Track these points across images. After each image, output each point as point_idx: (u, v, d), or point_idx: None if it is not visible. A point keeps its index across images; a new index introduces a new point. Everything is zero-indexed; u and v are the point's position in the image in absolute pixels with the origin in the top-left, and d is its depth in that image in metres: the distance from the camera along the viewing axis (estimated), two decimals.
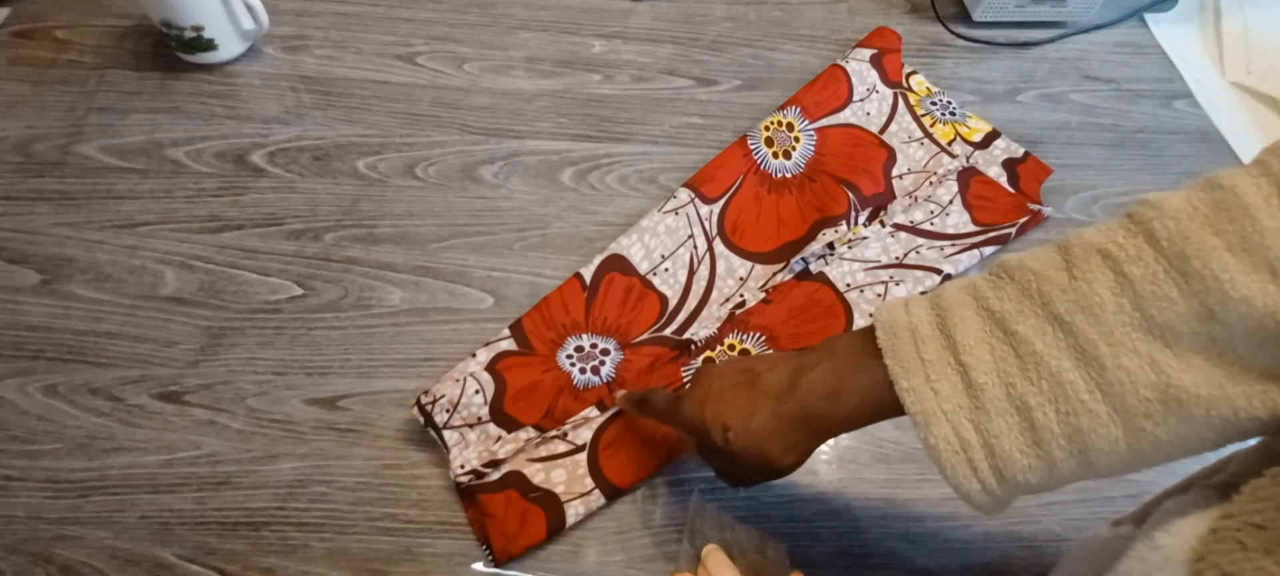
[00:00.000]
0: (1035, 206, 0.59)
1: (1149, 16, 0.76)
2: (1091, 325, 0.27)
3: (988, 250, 0.56)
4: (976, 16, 0.73)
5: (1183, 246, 0.26)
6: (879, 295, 0.54)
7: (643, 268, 0.54)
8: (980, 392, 0.29)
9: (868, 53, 0.67)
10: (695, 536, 0.38)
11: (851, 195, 0.58)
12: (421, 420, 0.47)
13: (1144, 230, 0.27)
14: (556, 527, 0.44)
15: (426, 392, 0.47)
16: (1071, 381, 0.28)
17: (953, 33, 0.73)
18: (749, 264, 0.56)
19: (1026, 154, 0.63)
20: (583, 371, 0.50)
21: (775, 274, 0.55)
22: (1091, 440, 0.28)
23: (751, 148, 0.61)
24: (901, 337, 0.32)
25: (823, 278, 0.55)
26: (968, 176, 0.61)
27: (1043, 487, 0.30)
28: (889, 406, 0.32)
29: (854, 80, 0.65)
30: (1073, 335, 0.28)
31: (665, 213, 0.56)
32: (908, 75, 0.68)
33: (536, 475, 0.45)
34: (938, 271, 0.55)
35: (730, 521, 0.39)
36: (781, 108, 0.63)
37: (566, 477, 0.45)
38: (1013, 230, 0.57)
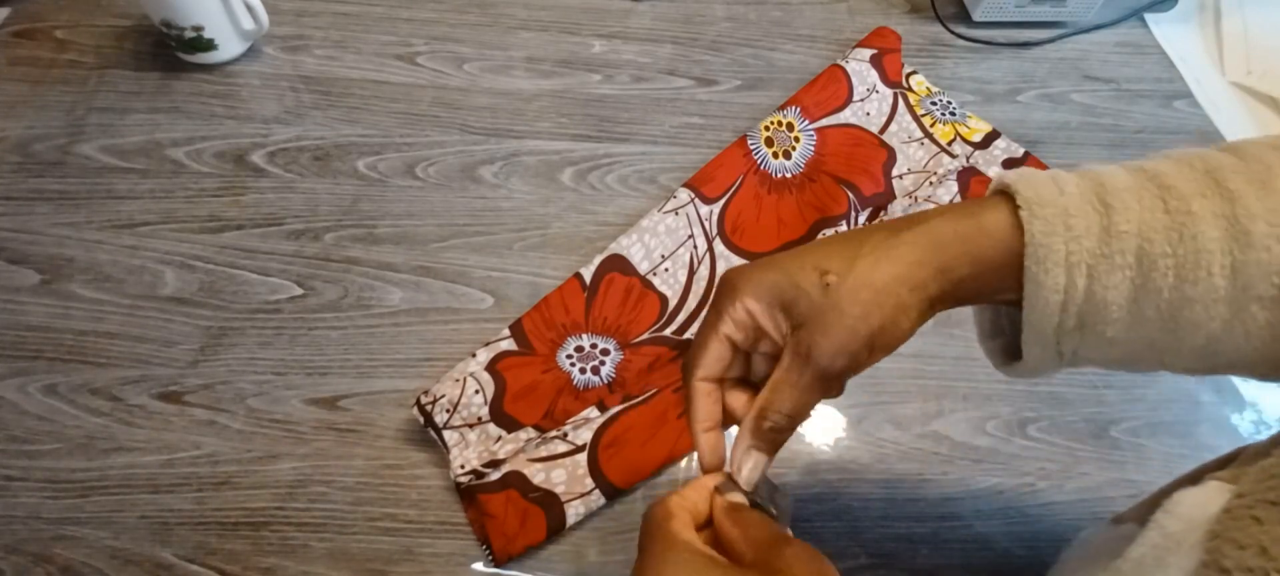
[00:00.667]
0: None
1: (1149, 16, 0.76)
2: (1259, 199, 0.26)
3: None
4: (976, 16, 0.73)
5: None
6: None
7: (643, 268, 0.54)
8: (1115, 240, 0.27)
9: (868, 53, 0.67)
10: None
11: (851, 195, 0.58)
12: (421, 420, 0.47)
13: None
14: (556, 527, 0.44)
15: (426, 392, 0.47)
16: (1209, 254, 0.26)
17: (953, 33, 0.73)
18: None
19: (1026, 154, 0.63)
20: (583, 371, 0.50)
21: None
22: (1192, 313, 0.27)
23: (751, 148, 0.61)
24: (1041, 181, 0.29)
25: None
26: (968, 176, 0.61)
27: (1103, 352, 0.29)
28: (1015, 263, 0.28)
29: (854, 80, 0.65)
30: (1235, 205, 0.26)
31: (665, 213, 0.56)
32: (908, 75, 0.68)
33: (536, 475, 0.45)
34: None
35: None
36: (781, 108, 0.63)
37: (566, 477, 0.45)
38: None
